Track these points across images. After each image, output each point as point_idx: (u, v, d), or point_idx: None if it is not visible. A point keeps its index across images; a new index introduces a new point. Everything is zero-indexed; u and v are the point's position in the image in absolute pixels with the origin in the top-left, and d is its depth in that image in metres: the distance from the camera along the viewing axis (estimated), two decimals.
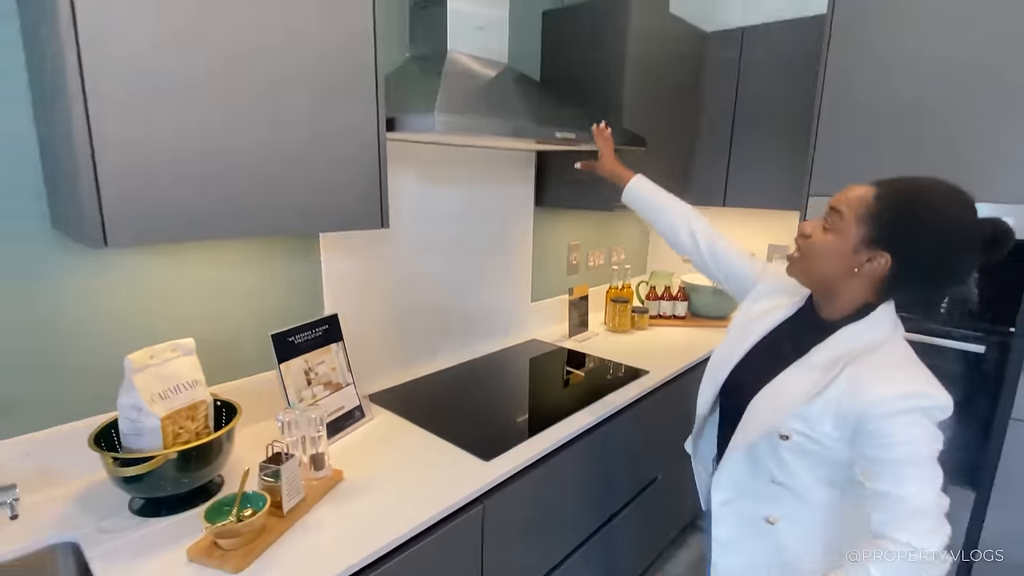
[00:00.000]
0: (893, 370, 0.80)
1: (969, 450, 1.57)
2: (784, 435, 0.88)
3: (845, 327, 0.87)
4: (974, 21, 1.41)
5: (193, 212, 0.85)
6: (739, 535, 1.00)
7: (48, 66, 0.79)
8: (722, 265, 1.16)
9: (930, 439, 0.77)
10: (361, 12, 1.01)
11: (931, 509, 0.75)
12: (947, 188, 0.80)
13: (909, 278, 0.83)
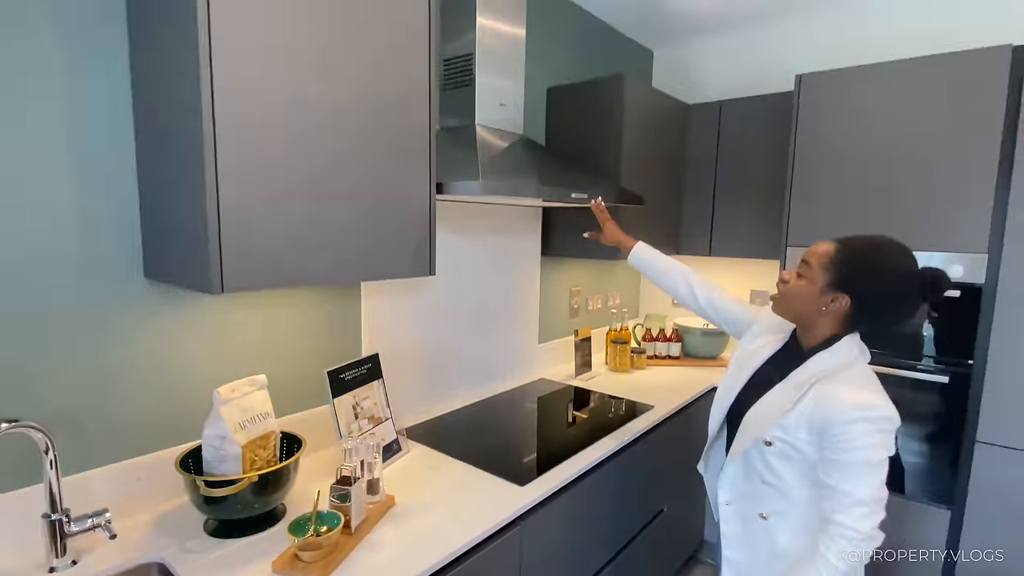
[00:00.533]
0: (852, 387, 0.99)
1: (943, 472, 1.75)
2: (768, 441, 1.08)
3: (817, 354, 1.08)
4: (912, 101, 1.70)
5: (288, 264, 1.00)
6: (741, 530, 1.19)
7: (171, 147, 0.95)
8: (721, 313, 1.39)
9: (876, 445, 0.96)
10: (424, 103, 1.21)
11: (868, 500, 0.95)
12: (893, 244, 1.03)
13: (865, 315, 1.04)
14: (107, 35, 1.03)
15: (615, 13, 2.35)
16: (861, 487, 0.95)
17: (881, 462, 0.96)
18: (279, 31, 0.95)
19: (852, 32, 2.25)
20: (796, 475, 1.07)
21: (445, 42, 1.65)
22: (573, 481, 1.40)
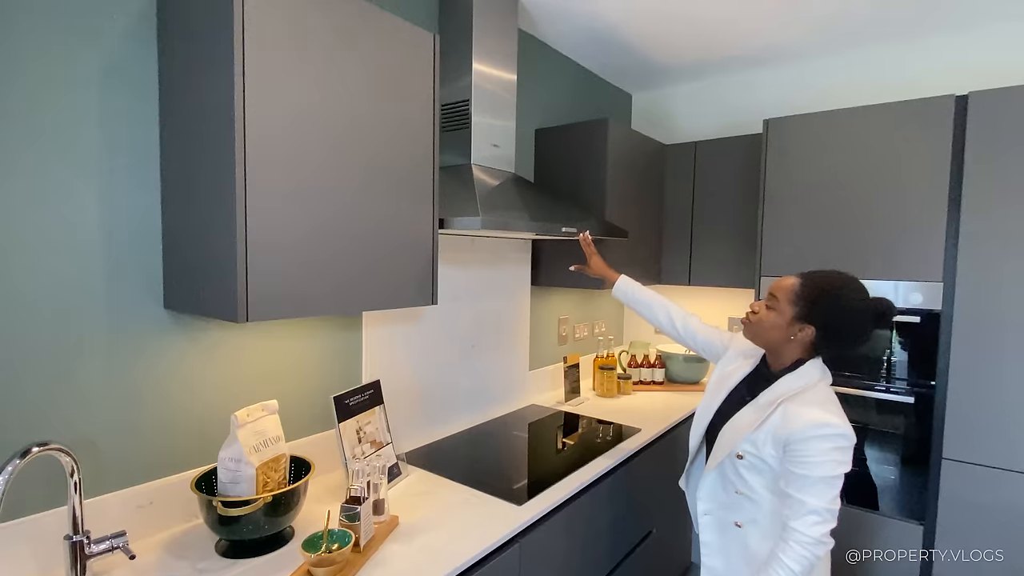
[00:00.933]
0: (813, 406, 1.10)
1: (915, 488, 1.85)
2: (739, 455, 1.19)
3: (784, 376, 1.19)
4: (870, 144, 1.87)
5: (305, 295, 1.08)
6: (718, 538, 1.29)
7: (203, 194, 1.03)
8: (698, 340, 1.52)
9: (831, 461, 1.06)
10: (429, 145, 1.32)
11: (820, 509, 1.05)
12: (848, 278, 1.16)
13: (828, 342, 1.16)
14: (138, 85, 1.13)
15: (597, 62, 2.53)
16: (814, 497, 1.05)
17: (835, 476, 1.06)
18: (310, 93, 1.05)
19: (816, 80, 2.45)
20: (765, 486, 1.17)
21: (444, 86, 1.78)
22: (568, 500, 1.46)
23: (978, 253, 1.70)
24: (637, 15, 2.03)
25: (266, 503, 1.08)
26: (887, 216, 1.85)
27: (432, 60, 1.34)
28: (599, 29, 2.16)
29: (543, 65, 2.32)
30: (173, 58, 1.10)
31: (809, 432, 1.06)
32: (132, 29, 1.10)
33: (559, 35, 2.23)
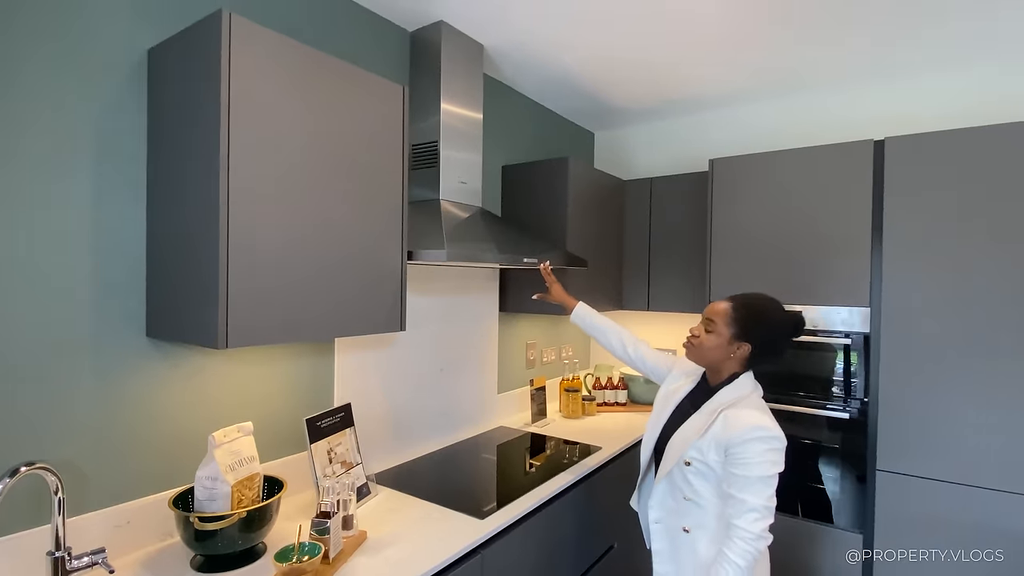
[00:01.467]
0: (748, 413, 1.24)
1: (855, 499, 1.99)
2: (687, 461, 1.30)
3: (722, 389, 1.34)
4: (803, 182, 2.06)
5: (282, 324, 1.18)
6: (669, 545, 1.38)
7: (188, 225, 1.13)
8: (647, 363, 1.66)
9: (767, 461, 1.19)
10: (398, 184, 1.45)
11: (759, 507, 1.17)
12: (771, 298, 1.35)
13: (761, 357, 1.33)
14: (128, 128, 1.23)
15: (559, 103, 2.72)
16: (754, 496, 1.18)
17: (771, 476, 1.19)
18: (288, 139, 1.18)
19: (757, 121, 2.68)
20: (710, 490, 1.29)
21: (414, 124, 1.92)
22: (529, 514, 1.56)
23: (897, 281, 1.89)
24: (591, 62, 2.22)
25: (241, 518, 1.16)
26: (820, 247, 2.04)
27: (401, 108, 1.48)
28: (559, 75, 2.35)
29: (509, 106, 2.49)
30: (163, 104, 1.21)
31: (747, 435, 1.19)
32: (125, 80, 1.21)
33: (523, 80, 2.41)
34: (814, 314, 2.05)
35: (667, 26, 1.90)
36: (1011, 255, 1.71)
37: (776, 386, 2.12)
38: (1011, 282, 1.71)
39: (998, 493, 1.74)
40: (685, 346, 1.41)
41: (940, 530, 1.82)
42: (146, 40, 1.25)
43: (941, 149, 1.83)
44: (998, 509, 1.74)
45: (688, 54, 2.13)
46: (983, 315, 1.76)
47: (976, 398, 1.77)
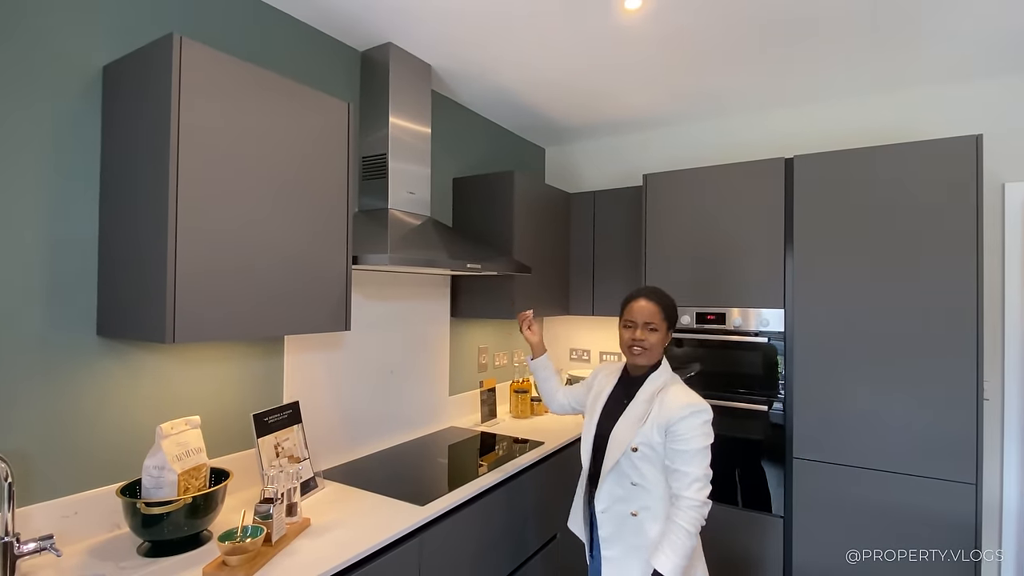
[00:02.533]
0: (680, 393, 1.41)
1: (776, 486, 2.16)
2: (634, 448, 1.41)
3: (650, 377, 1.49)
4: (725, 195, 2.26)
5: (231, 320, 1.27)
6: (616, 530, 1.46)
7: (138, 225, 1.22)
8: (573, 399, 1.75)
9: (702, 434, 1.35)
10: (343, 192, 1.56)
11: (701, 476, 1.33)
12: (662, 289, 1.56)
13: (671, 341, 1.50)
14: (82, 132, 1.31)
15: (509, 120, 2.88)
16: (695, 467, 1.33)
17: (706, 447, 1.35)
18: (235, 147, 1.28)
19: (687, 140, 2.91)
20: (655, 472, 1.40)
21: (364, 137, 2.03)
22: (470, 501, 1.67)
23: (804, 285, 2.09)
24: (535, 84, 2.39)
25: (187, 504, 1.23)
26: (742, 254, 2.23)
27: (347, 124, 1.60)
28: (505, 95, 2.50)
29: (461, 122, 2.63)
30: (117, 116, 1.30)
31: (683, 412, 1.35)
32: (81, 94, 1.30)
33: (473, 98, 2.55)
34: (739, 315, 2.24)
35: (601, 53, 2.08)
36: (899, 262, 1.93)
37: (709, 384, 2.30)
38: (901, 287, 1.93)
39: (896, 475, 1.93)
40: (635, 353, 1.49)
41: (848, 509, 2.01)
42: (101, 57, 1.33)
43: (840, 166, 2.05)
44: (897, 489, 1.93)
45: (621, 79, 2.32)
46: (877, 317, 1.96)
47: (874, 392, 1.97)
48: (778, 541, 2.15)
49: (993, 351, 2.25)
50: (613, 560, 1.46)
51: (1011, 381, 2.23)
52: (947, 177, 1.88)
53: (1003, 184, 2.26)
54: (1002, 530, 2.23)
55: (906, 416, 1.92)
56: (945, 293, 1.86)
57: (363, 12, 1.80)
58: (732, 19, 1.83)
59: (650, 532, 1.40)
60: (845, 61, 2.15)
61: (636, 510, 1.42)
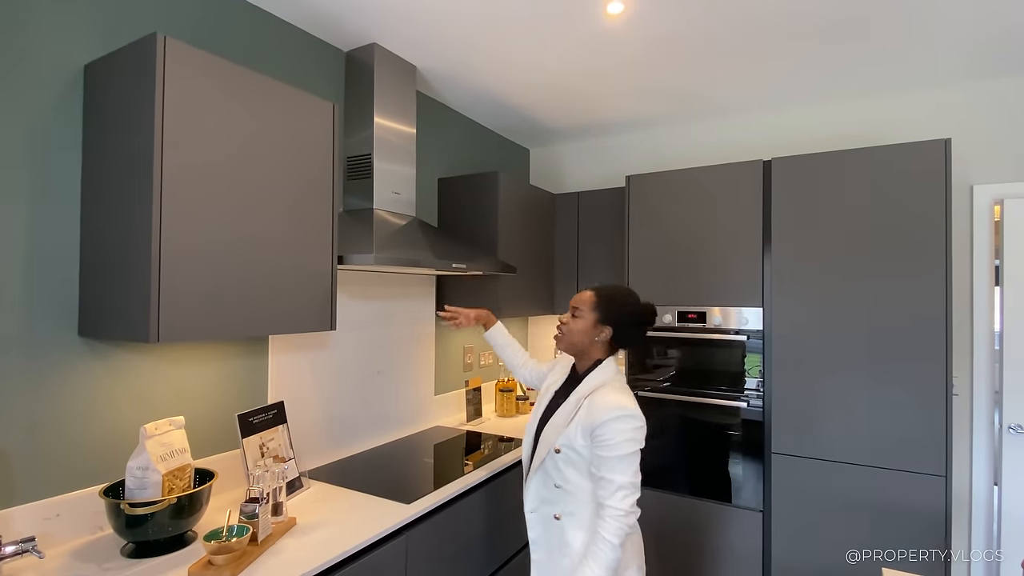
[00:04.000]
0: (610, 395, 1.32)
1: (756, 481, 2.21)
2: (557, 449, 1.37)
3: (587, 376, 1.42)
4: (706, 196, 2.31)
5: (216, 320, 1.27)
6: (543, 533, 1.43)
7: (121, 225, 1.22)
8: (535, 374, 1.78)
9: (628, 440, 1.26)
10: (328, 192, 1.57)
11: (626, 484, 1.25)
12: (626, 287, 1.50)
13: (620, 340, 1.45)
14: (64, 132, 1.30)
15: (493, 121, 2.90)
16: (620, 475, 1.25)
17: (632, 453, 1.27)
18: (219, 146, 1.28)
19: (670, 142, 2.95)
20: (579, 477, 1.34)
21: (349, 137, 2.04)
22: (455, 499, 1.68)
23: (781, 284, 2.15)
24: (517, 87, 2.41)
25: (171, 505, 1.23)
26: (722, 254, 2.28)
27: (332, 124, 1.60)
28: (490, 96, 2.52)
29: (446, 123, 2.65)
30: (99, 115, 1.29)
31: (609, 415, 1.27)
32: (62, 92, 1.29)
33: (457, 99, 2.57)
34: (719, 314, 2.28)
35: (584, 56, 2.11)
36: (871, 262, 1.99)
37: (690, 380, 2.34)
38: (873, 286, 1.99)
39: (870, 468, 1.99)
40: (555, 337, 1.50)
41: (824, 501, 2.06)
42: (83, 56, 1.32)
43: (814, 169, 2.10)
44: (870, 481, 1.99)
45: (605, 82, 2.35)
46: (850, 316, 2.02)
47: (848, 388, 2.03)
48: (757, 535, 2.20)
49: (962, 348, 2.33)
50: (541, 564, 1.44)
51: (979, 377, 2.31)
52: (917, 179, 1.94)
53: (972, 186, 2.34)
54: (971, 519, 2.31)
55: (879, 411, 1.98)
56: (915, 292, 1.93)
57: (347, 13, 1.80)
58: (712, 25, 1.87)
59: (572, 541, 1.35)
60: (821, 66, 2.21)
61: (559, 514, 1.38)
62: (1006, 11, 1.77)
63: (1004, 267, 2.25)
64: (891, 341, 1.96)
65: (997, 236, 2.29)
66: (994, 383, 2.29)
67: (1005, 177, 2.29)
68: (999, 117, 2.31)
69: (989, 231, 2.31)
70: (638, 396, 2.41)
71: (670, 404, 2.37)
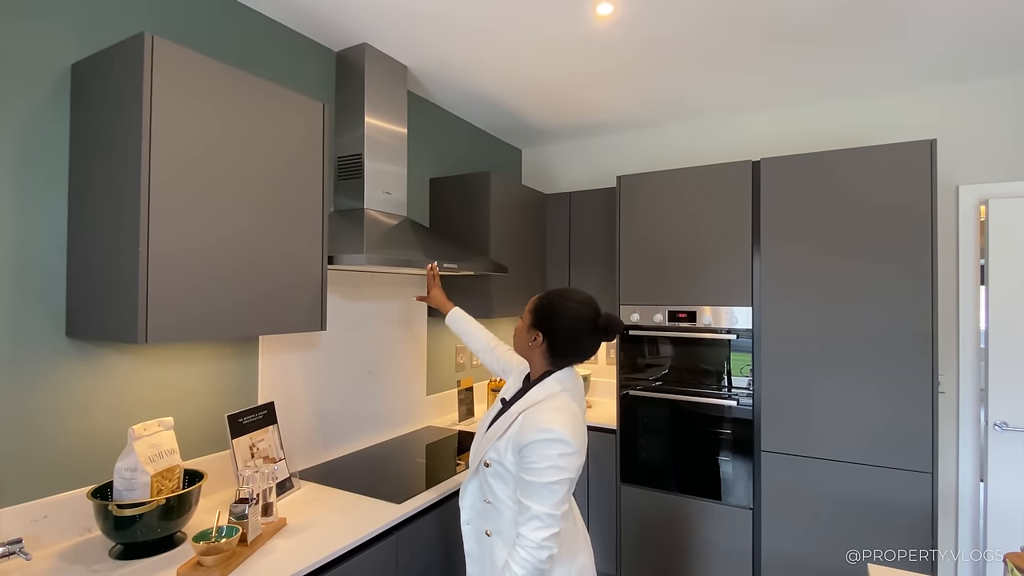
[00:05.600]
0: (542, 414, 1.17)
1: (746, 479, 2.23)
2: (487, 462, 1.26)
3: (532, 388, 1.27)
4: (696, 197, 2.32)
5: (204, 321, 1.27)
6: (475, 547, 1.34)
7: (109, 223, 1.21)
8: (502, 363, 1.64)
9: (552, 467, 1.11)
10: (318, 192, 1.57)
11: (541, 515, 1.11)
12: (572, 292, 1.28)
13: (556, 348, 1.26)
14: (50, 129, 1.30)
15: (485, 122, 2.90)
16: (537, 503, 1.11)
17: (555, 482, 1.11)
18: (209, 145, 1.28)
19: (662, 143, 2.97)
20: (508, 495, 1.23)
21: (340, 137, 2.04)
22: (446, 499, 1.68)
23: (772, 282, 2.16)
24: (509, 87, 2.42)
25: (160, 506, 1.22)
26: (712, 253, 2.29)
27: (321, 124, 1.60)
28: (481, 96, 2.53)
29: (438, 123, 2.65)
30: (86, 115, 1.29)
31: (535, 436, 1.13)
32: (49, 91, 1.28)
33: (449, 99, 2.57)
34: (710, 313, 2.30)
35: (574, 57, 2.12)
36: (859, 261, 2.01)
37: (680, 379, 2.35)
38: (861, 285, 2.01)
39: (858, 465, 2.01)
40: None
41: (813, 498, 2.08)
42: (70, 55, 1.32)
43: (802, 169, 2.12)
44: (858, 478, 2.01)
45: (595, 83, 2.37)
46: (839, 314, 2.04)
47: (837, 385, 2.05)
48: (747, 532, 2.22)
49: (948, 346, 2.36)
50: None
51: (965, 375, 2.34)
52: (903, 180, 1.96)
53: (957, 186, 2.36)
54: (958, 514, 2.34)
55: (867, 409, 2.00)
56: (902, 291, 1.95)
57: (338, 13, 1.80)
58: (700, 27, 1.88)
59: (498, 558, 1.26)
60: (809, 68, 2.23)
61: (489, 530, 1.28)
62: (991, 13, 1.79)
63: (989, 266, 2.28)
64: (878, 339, 1.98)
65: (982, 236, 2.32)
66: (980, 381, 2.32)
67: (990, 177, 2.32)
68: (984, 118, 2.34)
69: (974, 231, 2.34)
70: (629, 395, 2.43)
71: (661, 403, 2.38)
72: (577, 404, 1.26)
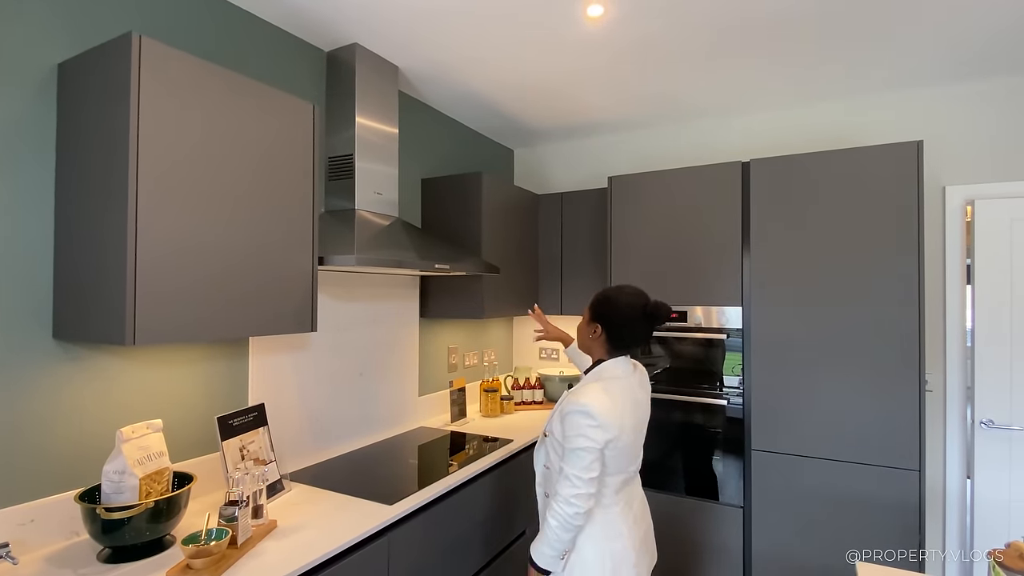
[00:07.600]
0: (581, 391, 1.36)
1: (737, 478, 2.24)
2: (545, 433, 1.47)
3: (586, 374, 1.49)
4: (687, 197, 2.34)
5: (193, 322, 1.26)
6: (542, 505, 1.52)
7: (95, 224, 1.20)
8: None
9: (580, 435, 1.30)
10: (308, 193, 1.56)
11: (570, 475, 1.30)
12: (624, 287, 1.50)
13: (616, 339, 1.45)
14: (37, 131, 1.28)
15: (477, 122, 2.90)
16: (568, 465, 1.31)
17: (581, 449, 1.29)
18: (196, 144, 1.27)
19: (653, 143, 2.98)
20: (559, 461, 1.39)
21: (331, 137, 2.03)
22: (438, 499, 1.68)
23: (761, 283, 2.18)
24: (500, 88, 2.42)
25: (148, 509, 1.22)
26: (703, 253, 2.31)
27: (311, 124, 1.60)
28: (472, 97, 2.53)
29: (429, 124, 2.64)
30: (73, 115, 1.27)
31: (571, 408, 1.33)
32: (34, 90, 1.27)
33: (441, 100, 2.57)
34: (700, 313, 2.31)
35: (566, 58, 2.12)
36: (847, 261, 2.03)
37: (672, 379, 2.37)
38: (848, 285, 2.03)
39: (847, 464, 2.03)
40: None
41: (803, 496, 2.10)
42: (57, 54, 1.30)
43: (791, 170, 2.14)
44: (848, 476, 2.03)
45: (586, 84, 2.37)
46: (827, 314, 2.06)
47: (826, 384, 2.07)
48: (738, 530, 2.23)
49: (935, 345, 2.38)
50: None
51: (952, 373, 2.37)
52: (891, 180, 1.98)
53: (944, 187, 2.39)
54: (945, 511, 2.37)
55: (855, 407, 2.02)
56: (890, 290, 1.97)
57: (329, 13, 1.80)
58: (691, 28, 1.89)
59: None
60: (798, 70, 2.25)
61: (548, 492, 1.47)
62: (979, 15, 1.81)
63: (975, 266, 2.30)
64: (866, 339, 2.00)
65: (969, 236, 2.35)
66: (966, 379, 2.35)
67: (976, 178, 2.35)
68: (971, 119, 2.36)
69: (961, 231, 2.37)
70: None
71: (654, 403, 2.39)
72: (621, 390, 1.39)
